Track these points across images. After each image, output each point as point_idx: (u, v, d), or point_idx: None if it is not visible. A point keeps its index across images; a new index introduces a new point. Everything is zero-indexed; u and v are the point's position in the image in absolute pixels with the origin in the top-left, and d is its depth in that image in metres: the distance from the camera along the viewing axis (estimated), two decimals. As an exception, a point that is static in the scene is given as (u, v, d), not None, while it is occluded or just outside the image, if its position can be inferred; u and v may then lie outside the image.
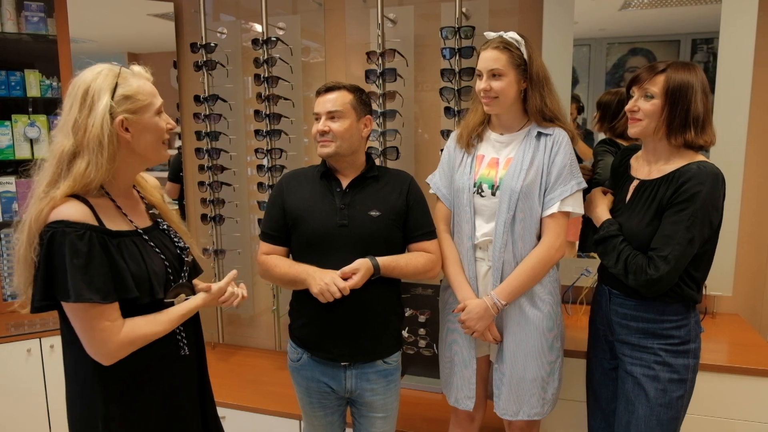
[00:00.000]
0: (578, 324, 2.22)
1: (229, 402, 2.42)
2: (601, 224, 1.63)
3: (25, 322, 2.57)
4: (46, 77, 2.74)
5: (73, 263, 1.17)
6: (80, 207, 1.22)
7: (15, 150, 2.70)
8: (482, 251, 1.74)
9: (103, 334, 1.21)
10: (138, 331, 1.25)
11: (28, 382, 2.47)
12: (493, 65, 1.62)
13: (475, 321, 1.68)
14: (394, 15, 2.47)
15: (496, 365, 1.76)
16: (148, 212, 1.42)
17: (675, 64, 1.52)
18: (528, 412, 1.72)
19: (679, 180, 1.49)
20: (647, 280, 1.48)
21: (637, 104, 1.55)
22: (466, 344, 1.78)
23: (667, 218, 1.50)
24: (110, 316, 1.22)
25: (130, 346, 1.24)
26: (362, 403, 1.76)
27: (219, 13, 2.84)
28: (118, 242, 1.26)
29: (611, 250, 1.58)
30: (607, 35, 2.32)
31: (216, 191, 2.78)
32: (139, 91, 1.28)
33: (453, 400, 1.84)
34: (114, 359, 1.24)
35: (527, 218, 1.67)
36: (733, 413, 1.91)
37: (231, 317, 3.04)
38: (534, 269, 1.67)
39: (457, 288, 1.75)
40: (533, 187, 1.66)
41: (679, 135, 1.51)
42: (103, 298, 1.19)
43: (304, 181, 1.77)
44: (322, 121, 1.68)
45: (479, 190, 1.71)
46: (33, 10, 2.66)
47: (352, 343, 1.68)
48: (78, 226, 1.19)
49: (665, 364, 1.55)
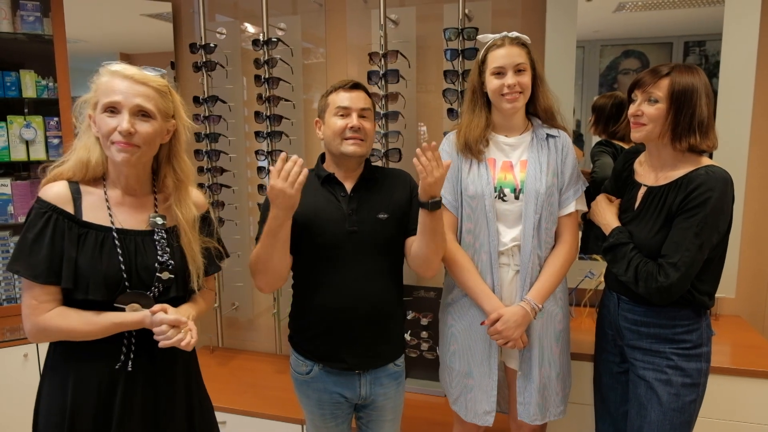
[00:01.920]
0: (582, 327, 2.22)
1: (229, 407, 2.39)
2: (611, 232, 1.62)
3: (21, 327, 2.53)
4: (42, 78, 2.70)
5: (24, 236, 1.25)
6: (61, 189, 1.28)
7: (10, 152, 2.65)
8: (506, 257, 1.70)
9: (26, 310, 1.26)
10: (56, 321, 1.25)
11: (24, 387, 2.42)
12: (519, 59, 1.62)
13: (513, 329, 1.64)
14: (396, 16, 2.46)
15: (521, 372, 1.74)
16: (150, 218, 1.36)
17: (679, 67, 1.50)
18: (554, 412, 1.74)
19: (688, 186, 1.47)
20: (658, 287, 1.47)
21: (641, 108, 1.52)
22: (485, 357, 1.73)
23: (676, 225, 1.49)
24: (38, 296, 1.25)
25: (43, 331, 1.27)
26: (374, 408, 1.73)
27: (217, 13, 2.81)
28: (82, 233, 1.28)
29: (621, 257, 1.57)
30: (601, 37, 2.33)
31: (215, 193, 2.75)
32: (98, 88, 1.29)
33: (471, 417, 1.76)
34: (32, 338, 1.29)
35: (549, 220, 1.68)
36: (736, 415, 1.91)
37: (230, 320, 3.01)
38: (563, 269, 1.70)
39: (483, 298, 1.67)
40: (553, 188, 1.68)
41: (684, 140, 1.49)
42: (34, 276, 1.23)
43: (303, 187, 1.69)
44: (354, 117, 1.60)
45: (501, 194, 1.68)
46: (29, 9, 2.62)
47: (367, 350, 1.65)
48: (44, 204, 1.26)
49: (678, 368, 1.55)
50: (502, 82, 1.62)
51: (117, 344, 1.30)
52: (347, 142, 1.60)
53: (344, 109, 1.61)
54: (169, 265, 1.35)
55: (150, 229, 1.36)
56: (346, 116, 1.61)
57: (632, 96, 1.57)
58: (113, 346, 1.30)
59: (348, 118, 1.61)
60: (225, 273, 2.85)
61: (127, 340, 1.31)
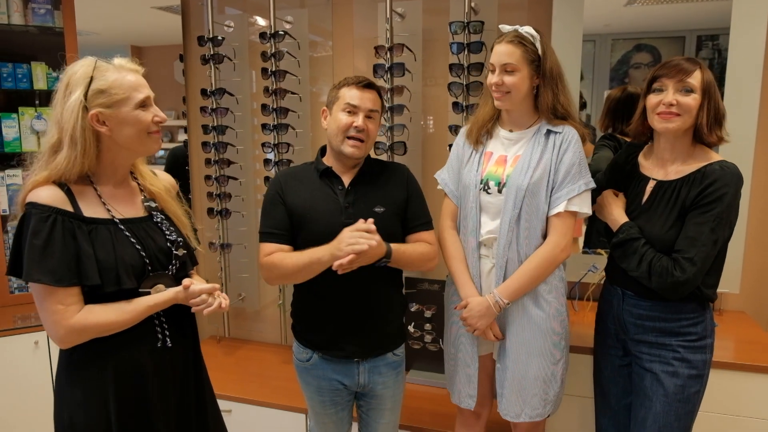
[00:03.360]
0: (585, 320, 2.23)
1: (235, 396, 2.42)
2: (620, 227, 1.60)
3: (32, 315, 2.57)
4: (52, 70, 2.73)
5: (31, 243, 1.21)
6: (53, 191, 1.25)
7: (22, 142, 2.70)
8: (486, 248, 1.73)
9: (54, 317, 1.23)
10: (91, 319, 1.25)
11: (35, 375, 2.47)
12: (507, 60, 1.60)
13: (477, 319, 1.68)
14: (402, 9, 2.46)
15: (498, 365, 1.76)
16: (144, 204, 1.42)
17: (696, 60, 1.51)
18: (530, 413, 1.71)
19: (703, 181, 1.47)
20: (674, 282, 1.47)
21: (675, 97, 1.47)
22: (469, 342, 1.77)
23: (691, 219, 1.48)
24: (63, 300, 1.23)
25: (81, 332, 1.25)
26: (373, 396, 1.76)
27: (225, 6, 2.82)
28: (91, 229, 1.28)
29: (632, 253, 1.56)
30: (612, 31, 2.32)
31: (222, 185, 2.78)
32: (114, 85, 1.28)
33: (456, 398, 1.84)
34: (65, 343, 1.27)
35: (533, 217, 1.65)
36: (739, 410, 1.91)
37: (237, 311, 3.04)
38: (538, 268, 1.65)
39: (460, 285, 1.74)
40: (540, 185, 1.63)
41: (714, 132, 1.49)
42: (57, 281, 1.21)
43: (301, 180, 1.70)
44: (361, 117, 1.61)
45: (486, 187, 1.70)
46: (40, 2, 2.65)
47: (363, 339, 1.68)
48: (44, 208, 1.23)
49: (684, 360, 1.55)
50: (491, 79, 1.64)
51: (149, 326, 1.35)
52: (348, 142, 1.62)
53: (353, 107, 1.62)
54: (180, 242, 1.42)
55: (147, 214, 1.41)
56: (353, 114, 1.62)
57: (654, 86, 1.52)
58: (145, 328, 1.34)
59: (355, 116, 1.62)
60: (232, 264, 2.88)
61: (158, 320, 1.37)
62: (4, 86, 2.66)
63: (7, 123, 2.66)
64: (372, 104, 1.63)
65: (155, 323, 1.37)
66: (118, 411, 1.31)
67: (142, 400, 1.35)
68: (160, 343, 1.37)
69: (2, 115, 2.65)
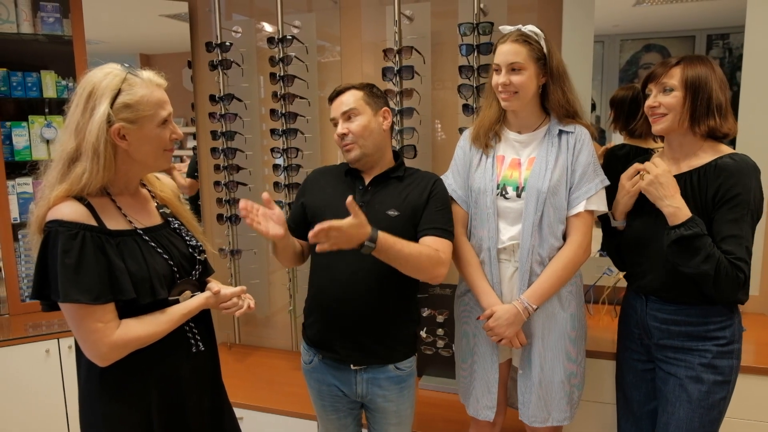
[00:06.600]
0: (600, 324, 2.19)
1: (246, 403, 2.40)
2: (686, 221, 1.45)
3: (43, 323, 2.57)
4: (62, 78, 2.74)
5: (63, 263, 1.16)
6: (76, 207, 1.21)
7: (32, 151, 2.71)
8: (506, 254, 1.69)
9: (94, 336, 1.19)
10: (131, 334, 1.23)
11: (46, 383, 2.47)
12: (513, 59, 1.58)
13: (505, 327, 1.63)
14: (411, 12, 2.44)
15: (521, 371, 1.72)
16: (159, 211, 1.41)
17: (688, 57, 1.52)
18: (557, 417, 1.68)
19: (720, 175, 1.46)
20: (740, 283, 1.44)
21: (657, 99, 1.52)
22: (489, 351, 1.73)
23: (724, 217, 1.46)
24: (102, 318, 1.20)
25: (123, 348, 1.23)
26: (375, 409, 1.72)
27: (233, 12, 2.83)
28: (118, 242, 1.25)
29: (700, 248, 1.43)
30: (621, 31, 2.29)
31: (232, 191, 2.77)
32: (141, 101, 1.25)
33: (473, 410, 1.79)
34: (107, 361, 1.23)
35: (554, 219, 1.63)
36: (762, 415, 1.86)
37: (247, 318, 3.03)
38: (564, 270, 1.63)
39: (481, 294, 1.69)
40: (559, 187, 1.62)
41: (703, 123, 1.48)
42: (94, 299, 1.18)
43: (329, 177, 1.76)
44: (340, 124, 1.65)
45: (503, 192, 1.67)
46: (48, 11, 2.66)
47: (358, 344, 1.64)
48: (71, 225, 1.18)
49: (710, 366, 1.52)
50: (497, 80, 1.62)
51: (181, 332, 1.35)
52: (344, 150, 1.68)
53: (333, 119, 1.69)
54: (199, 246, 1.42)
55: (163, 221, 1.40)
56: (336, 125, 1.68)
57: (646, 91, 1.57)
58: (179, 335, 1.34)
59: (337, 126, 1.67)
60: (242, 270, 2.87)
61: (187, 326, 1.37)
62: (14, 95, 2.67)
63: (17, 131, 2.66)
64: (344, 106, 1.65)
65: (186, 329, 1.37)
66: (159, 420, 1.31)
67: (180, 406, 1.35)
68: (194, 348, 1.38)
69: (12, 124, 2.66)
